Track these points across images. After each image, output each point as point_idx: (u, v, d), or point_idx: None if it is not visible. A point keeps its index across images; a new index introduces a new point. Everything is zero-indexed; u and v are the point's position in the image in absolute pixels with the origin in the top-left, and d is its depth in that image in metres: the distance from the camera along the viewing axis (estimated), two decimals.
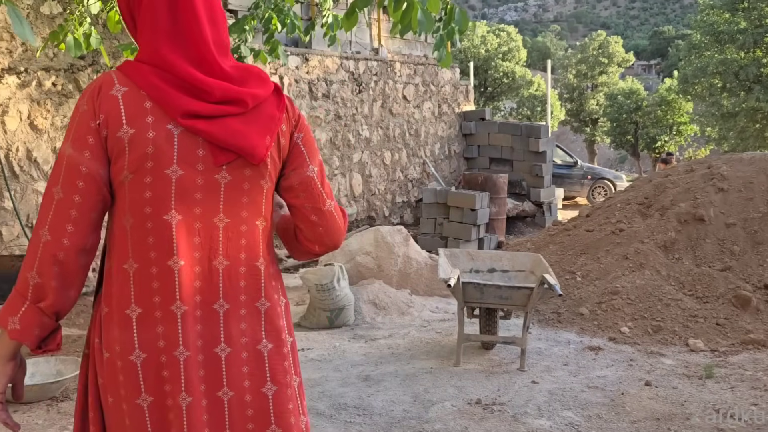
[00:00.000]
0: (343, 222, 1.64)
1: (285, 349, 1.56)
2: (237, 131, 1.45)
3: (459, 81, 13.06)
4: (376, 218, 11.00)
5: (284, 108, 1.55)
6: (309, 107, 9.63)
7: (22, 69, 6.45)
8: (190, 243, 1.47)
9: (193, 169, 1.46)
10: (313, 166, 1.58)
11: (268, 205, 1.55)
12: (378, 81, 10.89)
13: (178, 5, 1.47)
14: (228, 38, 1.52)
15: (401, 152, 11.52)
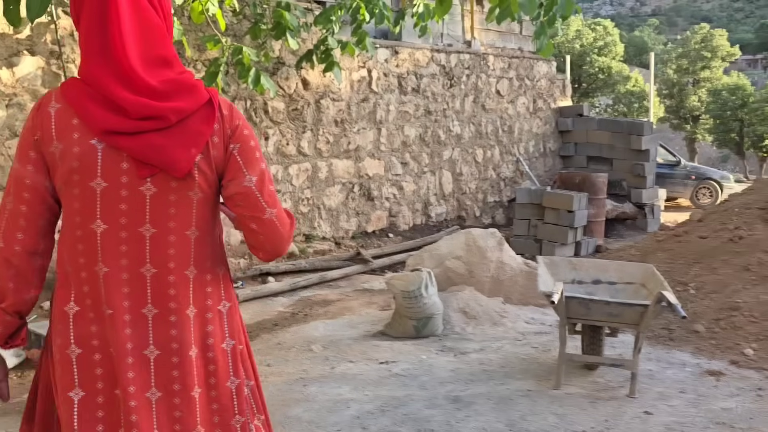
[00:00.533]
0: (287, 229, 1.68)
1: (211, 354, 1.65)
2: (157, 146, 1.51)
3: (555, 75, 12.43)
4: (467, 218, 10.54)
5: (214, 120, 1.58)
6: (398, 102, 9.26)
7: None
8: (117, 251, 1.56)
9: (117, 182, 1.54)
10: (251, 175, 1.61)
11: (202, 215, 1.61)
12: (470, 75, 10.41)
13: (106, 23, 1.52)
14: (168, 51, 1.56)
15: (494, 149, 11.01)
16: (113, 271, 1.56)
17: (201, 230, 1.62)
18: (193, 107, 1.55)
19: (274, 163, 7.73)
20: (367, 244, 8.72)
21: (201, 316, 1.63)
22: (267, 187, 1.64)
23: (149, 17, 1.56)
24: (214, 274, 1.67)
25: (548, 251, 9.45)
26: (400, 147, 9.31)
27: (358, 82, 8.66)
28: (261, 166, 1.64)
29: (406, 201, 9.44)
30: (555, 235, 9.43)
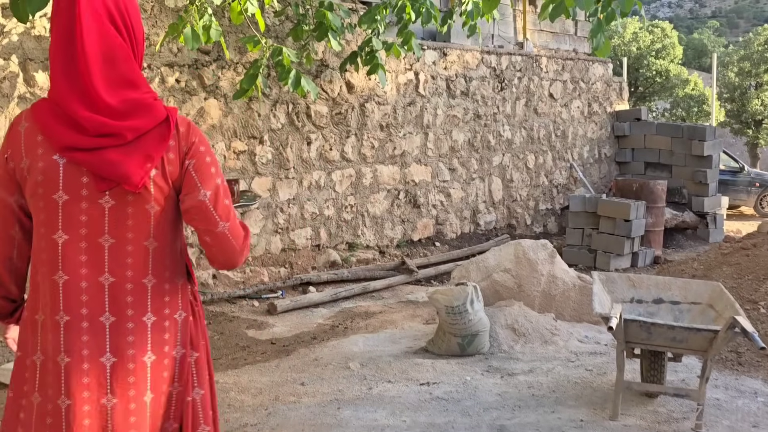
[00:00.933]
0: (239, 242, 1.75)
1: (166, 361, 1.71)
2: (113, 161, 1.60)
3: (612, 78, 11.94)
4: (517, 227, 10.15)
5: (168, 138, 1.65)
6: (446, 105, 8.93)
7: (145, 65, 6.15)
8: (76, 260, 1.64)
9: (77, 195, 1.63)
10: (205, 190, 1.69)
11: (160, 227, 1.69)
12: (522, 77, 10.03)
13: (72, 44, 1.61)
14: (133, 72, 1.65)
15: (546, 155, 10.59)
16: (72, 279, 1.64)
17: (159, 241, 1.70)
18: (149, 125, 1.64)
19: (316, 169, 7.49)
20: (413, 253, 8.41)
21: (159, 323, 1.71)
22: (221, 202, 1.72)
23: (113, 40, 1.64)
24: (173, 284, 1.74)
25: (603, 262, 9.00)
26: (447, 152, 8.99)
27: (405, 85, 8.37)
28: (216, 181, 1.72)
29: (453, 208, 9.11)
30: (610, 245, 8.98)
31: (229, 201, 1.75)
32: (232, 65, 6.73)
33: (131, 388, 1.67)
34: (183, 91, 6.41)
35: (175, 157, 1.68)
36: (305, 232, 7.44)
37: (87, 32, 1.62)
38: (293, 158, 7.27)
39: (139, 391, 1.68)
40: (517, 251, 5.69)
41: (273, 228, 7.15)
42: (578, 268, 9.07)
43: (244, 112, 6.85)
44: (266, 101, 7.01)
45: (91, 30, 1.62)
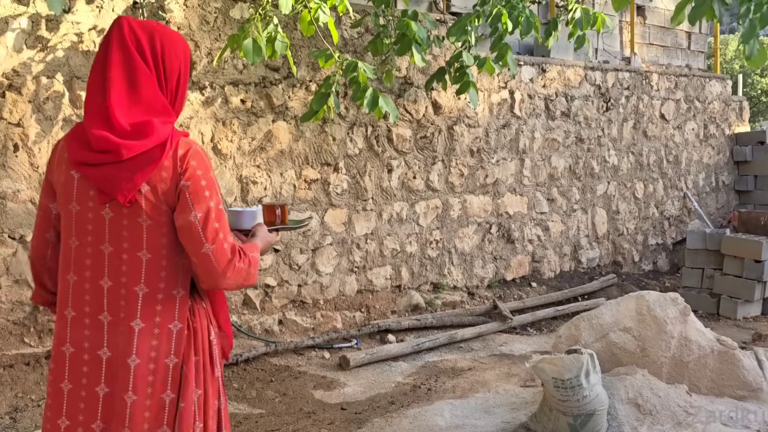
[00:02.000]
0: (222, 266, 1.83)
1: (152, 366, 1.83)
2: (109, 176, 1.81)
3: (730, 96, 10.65)
4: (623, 264, 9.00)
5: (160, 158, 1.81)
6: (545, 128, 7.94)
7: (207, 83, 5.47)
8: (83, 264, 1.87)
9: (86, 206, 1.87)
10: (196, 212, 1.82)
11: (154, 240, 1.85)
12: (630, 96, 8.93)
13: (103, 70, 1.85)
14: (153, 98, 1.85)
15: (656, 183, 9.42)
16: (80, 280, 1.87)
17: (152, 253, 1.85)
18: (145, 147, 1.81)
19: (398, 200, 6.64)
20: (506, 294, 7.42)
21: (148, 330, 1.84)
22: (211, 225, 1.82)
23: (139, 69, 1.85)
24: (168, 295, 1.86)
25: (728, 309, 7.77)
26: (546, 180, 7.98)
27: (498, 105, 7.44)
28: (209, 204, 1.83)
29: (552, 243, 8.08)
30: (737, 289, 7.74)
31: (220, 224, 1.85)
32: (303, 83, 5.98)
33: (118, 382, 1.83)
34: (249, 113, 5.68)
35: (168, 176, 1.82)
36: (384, 271, 6.59)
37: (114, 60, 1.83)
38: (372, 188, 6.44)
39: (121, 388, 1.83)
40: (640, 306, 4.65)
41: (348, 266, 6.32)
42: (698, 315, 7.87)
43: (317, 135, 6.08)
44: (342, 124, 6.22)
45: (119, 58, 1.83)
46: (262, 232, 2.12)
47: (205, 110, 5.45)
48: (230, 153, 5.60)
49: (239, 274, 1.87)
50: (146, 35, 1.87)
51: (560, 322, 7.20)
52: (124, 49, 1.84)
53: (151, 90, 1.85)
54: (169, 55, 1.90)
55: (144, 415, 1.83)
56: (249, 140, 5.68)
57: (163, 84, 1.90)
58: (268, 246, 2.12)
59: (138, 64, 1.84)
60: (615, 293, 8.11)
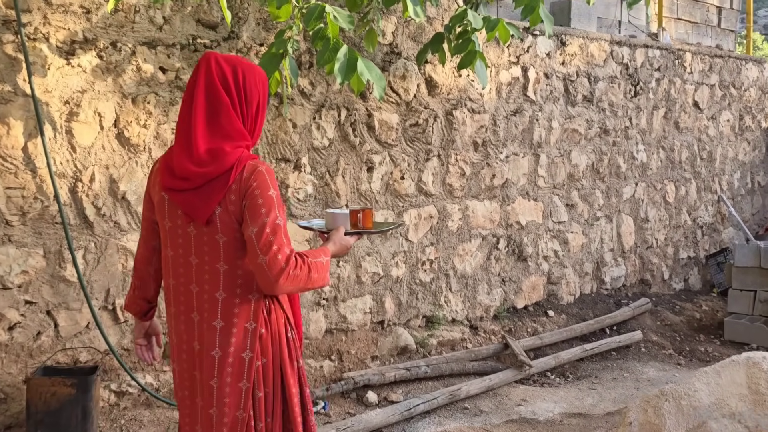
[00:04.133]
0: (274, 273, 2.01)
1: (231, 359, 2.10)
2: (188, 201, 2.07)
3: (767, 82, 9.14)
4: (652, 282, 7.44)
5: (228, 183, 2.03)
6: (564, 116, 6.34)
7: (108, 42, 3.80)
8: (178, 272, 2.16)
9: (176, 223, 2.14)
10: (253, 227, 2.02)
11: (230, 254, 2.09)
12: (661, 79, 7.36)
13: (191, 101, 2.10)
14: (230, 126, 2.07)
15: (689, 184, 7.87)
16: (176, 284, 2.17)
17: (229, 265, 2.10)
18: (216, 173, 2.03)
19: (380, 207, 5.00)
20: (517, 327, 5.82)
21: (227, 329, 2.10)
22: (264, 238, 2.01)
23: (220, 99, 2.07)
24: (244, 299, 2.11)
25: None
26: (565, 182, 6.39)
27: (508, 85, 5.83)
28: (263, 219, 2.02)
29: (571, 260, 6.49)
30: None
31: (275, 237, 2.01)
32: (251, 47, 4.31)
33: (205, 370, 2.12)
34: (172, 87, 4.01)
35: (236, 198, 2.04)
36: (362, 303, 4.94)
37: (200, 90, 2.07)
38: (346, 191, 4.80)
39: (207, 375, 2.12)
40: (754, 379, 3.06)
41: (313, 299, 4.67)
42: (751, 350, 6.32)
43: (271, 121, 4.42)
44: (306, 105, 4.57)
45: (203, 89, 2.07)
46: (336, 237, 2.27)
47: (105, 81, 3.77)
48: (144, 143, 3.92)
49: (295, 280, 2.04)
50: (230, 67, 2.10)
51: (590, 365, 5.61)
52: (209, 81, 2.07)
53: (229, 118, 2.07)
54: (250, 86, 2.12)
55: (224, 400, 2.11)
56: (172, 126, 4.00)
57: (244, 111, 2.12)
58: (343, 250, 2.29)
59: (220, 94, 2.07)
60: (648, 322, 6.54)
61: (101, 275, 3.82)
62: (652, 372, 5.48)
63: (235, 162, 2.03)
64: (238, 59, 2.14)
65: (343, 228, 2.30)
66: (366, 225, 2.41)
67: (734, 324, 6.60)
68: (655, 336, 6.28)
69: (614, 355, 5.84)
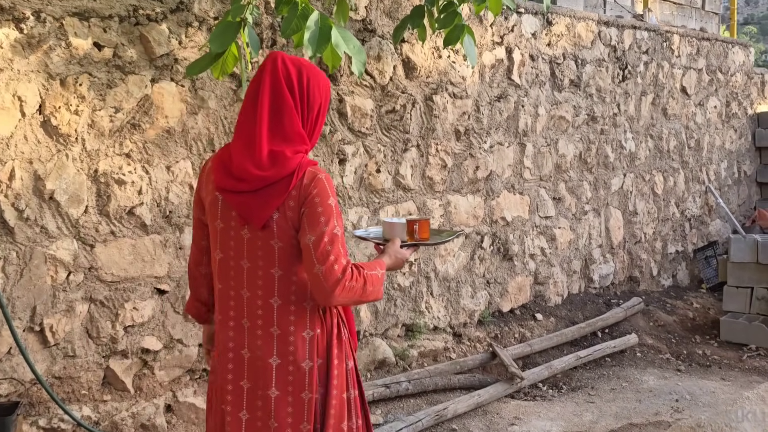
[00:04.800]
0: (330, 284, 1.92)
1: (291, 368, 2.00)
2: (245, 204, 1.98)
3: (753, 68, 8.76)
4: (641, 279, 7.01)
5: (287, 189, 1.96)
6: (550, 101, 5.84)
7: (29, 12, 3.18)
8: (227, 275, 2.06)
9: (228, 225, 2.04)
10: (311, 235, 1.94)
11: (285, 259, 1.99)
12: (649, 63, 6.91)
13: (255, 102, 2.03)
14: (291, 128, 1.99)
15: (677, 175, 7.45)
16: (224, 288, 2.07)
17: (284, 271, 2.00)
18: (276, 177, 1.95)
19: (354, 204, 4.46)
20: (503, 333, 5.32)
21: (284, 336, 2.00)
22: (322, 247, 1.92)
23: (285, 100, 2.01)
24: (299, 307, 2.02)
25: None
26: (551, 173, 5.89)
27: (492, 68, 5.31)
28: (322, 228, 1.94)
29: (558, 258, 6.00)
30: None
31: (332, 247, 1.93)
32: (204, 20, 3.72)
33: (260, 380, 2.01)
34: (110, 66, 3.40)
35: (295, 204, 1.97)
36: None
37: (265, 90, 2.01)
38: None
39: (265, 384, 2.01)
40: None
41: None
42: (750, 351, 5.93)
43: (228, 106, 3.84)
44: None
45: (269, 88, 2.01)
46: (392, 249, 2.19)
47: (26, 59, 3.15)
48: (76, 132, 3.31)
49: (350, 292, 1.96)
50: (295, 69, 2.04)
51: (584, 373, 5.13)
52: (275, 81, 2.02)
53: (292, 121, 2.00)
54: (313, 89, 2.05)
55: (287, 410, 2.00)
56: (110, 112, 3.40)
57: (305, 115, 2.05)
58: (399, 263, 2.20)
59: (285, 95, 2.01)
60: (641, 323, 6.10)
61: (25, 290, 3.20)
62: (652, 380, 5.02)
63: (296, 167, 1.97)
64: (303, 61, 2.08)
65: (399, 240, 2.22)
66: (423, 236, 2.29)
67: (731, 324, 6.18)
68: (649, 338, 5.83)
69: (609, 361, 5.38)
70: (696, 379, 5.13)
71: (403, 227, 2.27)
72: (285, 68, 2.02)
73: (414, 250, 2.28)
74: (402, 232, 2.26)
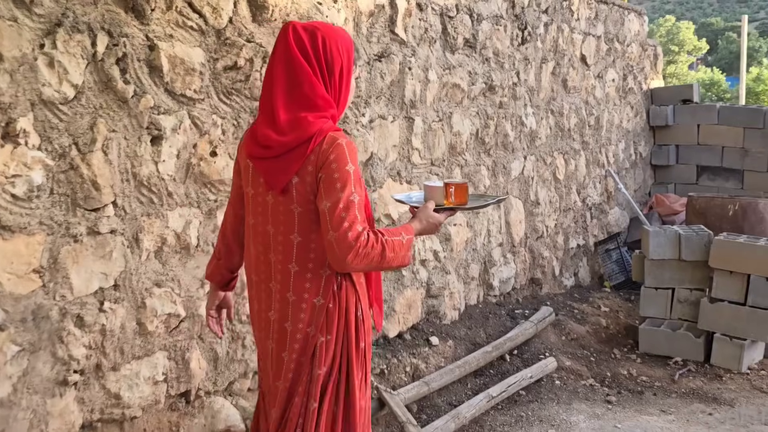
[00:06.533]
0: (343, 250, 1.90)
1: (299, 336, 2.04)
2: (268, 169, 2.01)
3: (647, 39, 7.96)
4: (543, 281, 5.96)
5: (306, 154, 1.94)
6: (442, 65, 4.61)
7: None
8: (257, 240, 2.10)
9: (257, 191, 2.09)
10: (326, 201, 1.93)
11: (304, 225, 2.00)
12: (549, 24, 5.84)
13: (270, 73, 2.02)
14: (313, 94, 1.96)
15: (578, 157, 6.47)
16: (256, 253, 2.10)
17: (303, 237, 2.01)
18: (295, 143, 1.95)
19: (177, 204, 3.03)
20: (392, 367, 4.04)
21: (298, 303, 2.04)
22: (337, 214, 1.91)
23: (301, 68, 1.98)
24: (315, 274, 2.02)
25: (727, 355, 4.95)
26: (445, 156, 4.68)
27: (371, 16, 3.99)
28: (338, 194, 1.91)
29: (454, 263, 4.81)
30: (738, 324, 4.93)
31: (347, 214, 1.90)
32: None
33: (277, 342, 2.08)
34: None
35: (313, 169, 1.95)
36: (149, 367, 2.94)
37: (278, 61, 2.00)
38: (113, 179, 2.75)
39: (279, 347, 2.07)
40: None
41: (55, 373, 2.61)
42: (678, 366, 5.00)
43: None
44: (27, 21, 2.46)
45: (282, 59, 2.00)
46: (423, 213, 2.14)
47: None
48: None
49: (365, 259, 1.92)
50: (308, 34, 2.00)
51: (497, 417, 3.95)
52: (287, 50, 1.99)
53: (310, 86, 1.97)
54: (330, 50, 2.00)
55: (288, 376, 2.06)
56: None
57: (327, 78, 2.02)
58: (431, 228, 2.14)
59: (298, 62, 1.98)
60: (552, 338, 5.03)
61: None
62: (583, 421, 3.92)
63: (315, 132, 1.96)
64: (318, 24, 2.05)
65: (432, 204, 2.16)
66: (460, 200, 2.21)
67: (651, 333, 5.23)
68: (566, 359, 4.76)
69: (524, 395, 4.23)
70: (633, 414, 4.08)
71: (440, 190, 2.20)
72: (297, 35, 2.01)
73: (450, 214, 2.22)
74: (440, 196, 2.19)
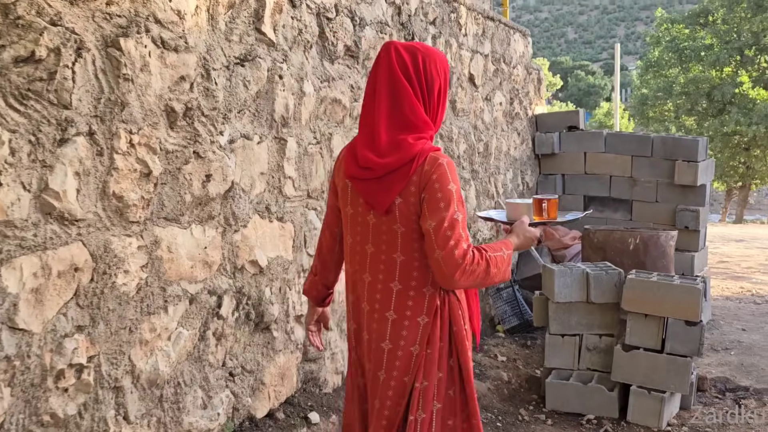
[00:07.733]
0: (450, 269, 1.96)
1: (400, 353, 2.07)
2: (370, 190, 2.07)
3: (531, 61, 7.50)
4: None
5: (408, 175, 2.00)
6: (320, 76, 3.79)
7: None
8: (354, 259, 2.17)
9: (356, 210, 2.14)
10: (431, 221, 1.98)
11: (407, 244, 2.06)
12: (437, 37, 5.17)
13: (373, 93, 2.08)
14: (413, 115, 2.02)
15: (468, 187, 5.81)
16: (352, 272, 2.18)
17: (406, 256, 2.06)
18: (398, 164, 2.00)
19: None
20: None
21: (399, 321, 2.08)
22: (443, 233, 1.96)
23: (402, 88, 2.03)
24: (419, 292, 2.07)
25: (645, 410, 4.37)
26: (324, 186, 3.84)
27: (230, 8, 3.11)
28: (442, 214, 1.97)
29: (336, 316, 3.95)
30: (657, 374, 4.37)
31: (450, 232, 1.96)
32: None
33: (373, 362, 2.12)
34: None
35: (416, 190, 2.01)
36: None
37: (381, 81, 2.05)
38: None
39: (376, 367, 2.11)
40: None
41: None
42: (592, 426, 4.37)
43: None
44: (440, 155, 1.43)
45: (385, 79, 2.04)
46: (519, 229, 2.21)
47: None
48: None
49: (472, 276, 1.98)
50: (410, 55, 2.05)
51: None
52: (391, 71, 2.04)
53: (411, 107, 2.02)
54: (430, 71, 2.05)
55: (388, 394, 2.08)
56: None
57: (426, 99, 2.07)
58: (527, 242, 2.21)
59: (401, 84, 2.03)
60: None
61: None
62: None
63: (417, 153, 2.00)
64: (417, 45, 2.10)
65: (527, 218, 2.24)
66: (552, 215, 2.30)
67: (559, 388, 4.59)
68: None
69: None
70: None
71: (529, 207, 2.28)
72: (399, 56, 2.04)
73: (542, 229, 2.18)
74: (528, 212, 2.26)
